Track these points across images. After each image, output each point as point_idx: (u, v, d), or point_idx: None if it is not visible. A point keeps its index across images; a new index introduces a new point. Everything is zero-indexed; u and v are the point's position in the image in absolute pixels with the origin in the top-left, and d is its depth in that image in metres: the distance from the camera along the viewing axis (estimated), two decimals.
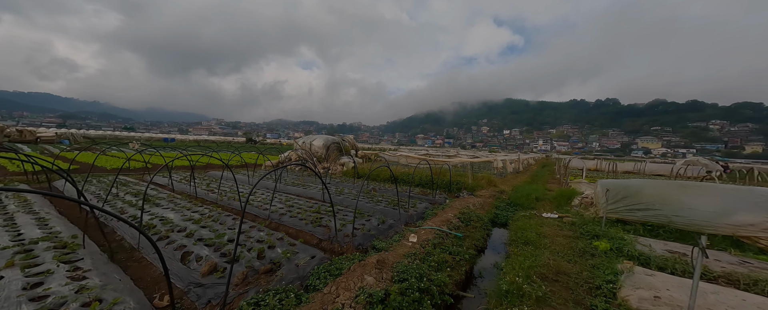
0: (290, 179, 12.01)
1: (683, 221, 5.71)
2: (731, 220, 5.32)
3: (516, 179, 17.33)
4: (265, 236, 4.66)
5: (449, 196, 11.00)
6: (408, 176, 13.52)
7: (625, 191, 6.59)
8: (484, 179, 13.76)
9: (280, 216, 5.99)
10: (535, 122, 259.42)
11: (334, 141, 18.01)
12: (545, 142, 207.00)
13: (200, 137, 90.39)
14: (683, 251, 4.95)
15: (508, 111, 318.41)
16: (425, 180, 12.74)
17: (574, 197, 8.79)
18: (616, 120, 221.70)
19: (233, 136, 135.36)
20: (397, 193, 7.75)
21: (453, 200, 9.57)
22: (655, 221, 5.99)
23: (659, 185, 6.47)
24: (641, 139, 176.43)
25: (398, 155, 22.07)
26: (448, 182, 12.08)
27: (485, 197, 10.76)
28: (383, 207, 7.50)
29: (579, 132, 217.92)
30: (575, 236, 5.89)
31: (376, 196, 9.10)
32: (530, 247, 5.41)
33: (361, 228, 5.51)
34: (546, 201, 9.43)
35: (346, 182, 12.61)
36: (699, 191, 5.96)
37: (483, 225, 7.42)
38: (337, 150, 17.59)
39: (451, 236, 5.82)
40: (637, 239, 5.38)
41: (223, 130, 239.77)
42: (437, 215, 7.24)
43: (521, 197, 9.97)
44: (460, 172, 15.81)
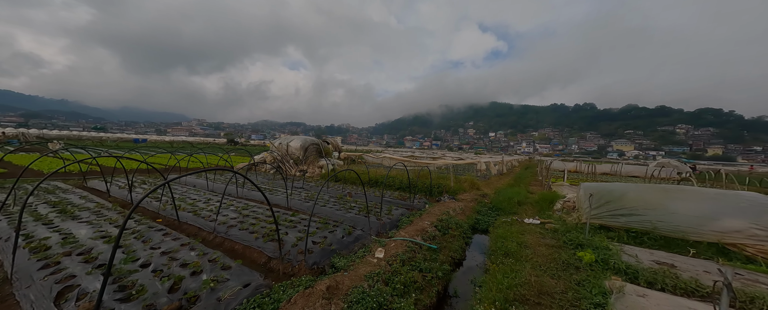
0: (258, 184, 11.00)
1: (668, 227, 5.39)
2: (716, 226, 5.04)
3: (499, 182, 17.13)
4: (195, 257, 3.81)
5: (430, 200, 10.44)
6: (388, 178, 12.87)
7: (609, 196, 6.25)
8: (467, 181, 13.36)
9: (227, 229, 5.12)
10: (518, 125, 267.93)
11: (312, 142, 17.08)
12: (528, 145, 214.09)
13: (177, 138, 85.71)
14: (670, 261, 4.58)
15: (493, 114, 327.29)
16: (407, 183, 12.14)
17: (556, 201, 8.46)
18: (593, 124, 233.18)
19: (215, 137, 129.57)
20: (371, 198, 7.05)
21: (433, 205, 9.01)
22: (639, 227, 5.65)
23: (642, 189, 6.17)
24: (616, 142, 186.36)
25: (382, 156, 21.41)
26: (429, 185, 11.53)
27: (467, 201, 10.29)
28: (354, 215, 6.78)
29: (559, 135, 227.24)
30: (558, 245, 5.43)
31: (350, 202, 8.35)
32: (511, 259, 4.87)
33: (322, 242, 4.76)
34: (528, 205, 9.07)
35: (329, 185, 11.77)
36: (682, 195, 5.68)
37: (462, 233, 6.86)
38: (315, 152, 16.68)
39: (425, 249, 5.18)
40: (622, 249, 4.98)
41: (205, 131, 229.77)
42: (413, 222, 6.61)
43: (503, 201, 9.57)
44: (443, 174, 15.38)
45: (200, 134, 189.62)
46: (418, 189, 11.65)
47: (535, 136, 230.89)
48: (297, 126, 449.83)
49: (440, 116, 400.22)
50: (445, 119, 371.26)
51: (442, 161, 18.23)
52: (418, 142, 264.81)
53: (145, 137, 64.32)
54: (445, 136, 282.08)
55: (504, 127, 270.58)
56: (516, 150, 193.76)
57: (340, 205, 7.82)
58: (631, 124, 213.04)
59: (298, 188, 10.60)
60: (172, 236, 4.64)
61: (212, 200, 7.62)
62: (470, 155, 46.05)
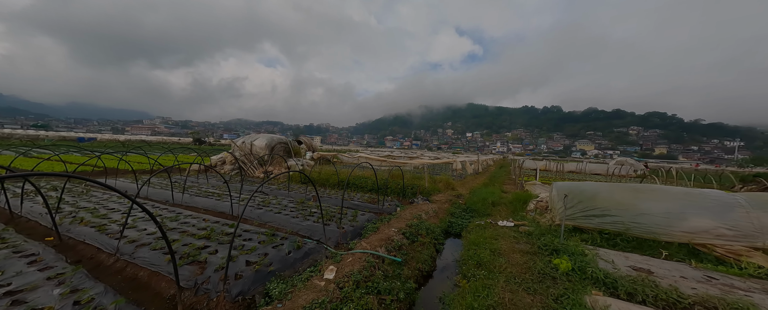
0: (206, 188, 9.63)
1: (640, 229, 5.19)
2: (685, 227, 4.89)
3: (475, 181, 17.06)
4: (57, 297, 2.73)
5: (403, 202, 9.81)
6: (361, 179, 12.08)
7: (581, 196, 5.99)
8: (443, 181, 12.97)
9: (136, 249, 4.00)
10: (493, 126, 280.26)
11: (280, 141, 15.75)
12: (502, 145, 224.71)
13: (135, 137, 77.57)
14: (647, 266, 4.29)
15: (470, 115, 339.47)
16: (381, 184, 11.42)
17: (529, 201, 8.22)
18: (560, 125, 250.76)
19: (182, 136, 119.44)
20: (338, 203, 6.20)
21: (405, 208, 8.37)
22: (612, 228, 5.41)
23: (613, 189, 5.99)
24: (579, 142, 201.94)
25: (357, 156, 20.54)
26: (402, 186, 10.91)
27: (441, 202, 9.80)
28: (312, 223, 5.89)
29: (530, 135, 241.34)
30: (533, 251, 4.99)
31: (312, 207, 7.42)
32: (483, 271, 4.32)
33: (258, 261, 3.83)
34: (502, 206, 8.76)
35: (293, 188, 10.66)
36: (652, 195, 5.54)
37: (434, 238, 6.27)
38: (283, 151, 15.39)
39: (387, 263, 4.47)
40: (597, 253, 4.64)
41: (170, 130, 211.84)
42: (379, 230, 5.87)
43: (477, 202, 9.20)
44: (419, 175, 14.91)
45: (164, 133, 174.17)
46: (391, 191, 10.99)
47: (508, 137, 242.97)
48: (274, 125, 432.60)
49: (420, 117, 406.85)
50: (425, 120, 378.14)
51: (419, 161, 17.81)
52: (399, 142, 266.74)
53: (93, 136, 57.27)
54: (425, 137, 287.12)
55: (480, 127, 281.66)
56: (491, 150, 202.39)
57: (299, 211, 6.87)
58: (591, 125, 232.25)
59: (257, 192, 9.41)
60: (46, 262, 3.45)
61: (135, 209, 6.27)
62: (448, 154, 46.72)
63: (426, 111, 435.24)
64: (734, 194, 5.22)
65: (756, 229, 4.44)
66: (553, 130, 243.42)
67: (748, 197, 5.01)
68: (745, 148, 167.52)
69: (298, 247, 4.45)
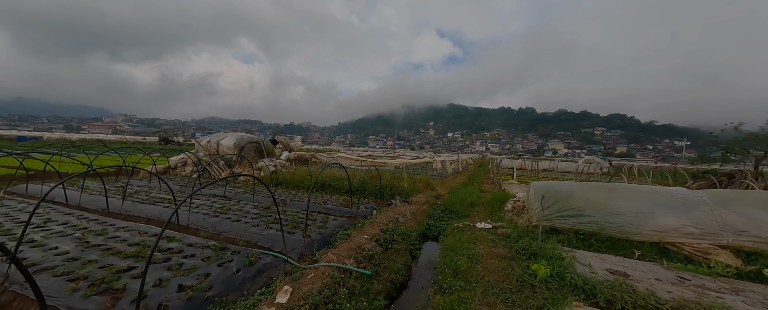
0: (157, 194, 8.53)
1: (613, 228, 5.15)
2: (655, 225, 4.91)
3: (455, 180, 17.07)
4: None
5: (380, 204, 9.38)
6: (337, 181, 11.47)
7: (557, 196, 5.90)
8: (422, 181, 12.72)
9: (32, 274, 3.16)
10: (473, 126, 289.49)
11: (251, 140, 14.65)
12: (481, 144, 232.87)
13: (92, 136, 70.10)
14: (622, 268, 4.19)
15: (451, 115, 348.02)
16: (357, 186, 10.89)
17: (507, 201, 8.14)
18: (534, 126, 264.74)
19: (148, 135, 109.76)
20: (311, 207, 5.60)
21: (382, 211, 7.92)
22: (587, 229, 5.34)
23: (587, 188, 5.96)
24: (551, 142, 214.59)
25: (336, 156, 19.81)
26: (380, 187, 10.48)
27: (420, 203, 9.49)
28: (275, 231, 5.25)
29: (507, 135, 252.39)
30: (511, 256, 4.76)
31: (284, 212, 6.72)
32: (460, 281, 3.98)
33: (194, 286, 3.17)
34: (480, 206, 8.62)
35: (260, 192, 9.78)
36: (624, 194, 5.55)
37: (410, 244, 5.88)
38: (254, 151, 14.33)
39: (356, 276, 3.98)
40: (574, 256, 4.48)
41: (135, 129, 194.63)
42: (351, 237, 5.37)
43: (456, 203, 8.99)
44: (399, 175, 14.58)
45: (128, 132, 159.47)
46: (369, 192, 10.51)
47: (486, 137, 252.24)
48: (252, 124, 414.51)
49: (403, 116, 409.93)
50: (408, 119, 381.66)
51: (400, 161, 17.51)
52: (382, 141, 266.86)
53: (39, 135, 50.84)
54: (408, 136, 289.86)
55: (460, 127, 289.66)
56: (471, 149, 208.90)
57: (263, 217, 6.16)
58: (562, 126, 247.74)
59: (218, 197, 8.49)
60: None
61: (52, 223, 5.22)
62: (430, 154, 47.19)
63: (408, 111, 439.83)
64: (697, 191, 5.36)
65: (720, 227, 4.52)
66: (527, 130, 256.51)
67: (710, 194, 5.14)
68: (691, 148, 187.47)
69: (250, 262, 3.82)
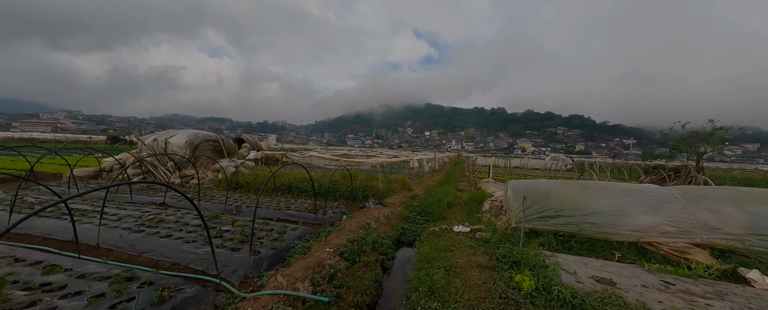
0: (70, 204, 6.95)
1: (592, 228, 4.92)
2: (633, 224, 4.75)
3: (432, 179, 16.80)
4: None
5: (352, 208, 8.61)
6: (305, 182, 10.47)
7: (535, 196, 5.60)
8: (398, 181, 12.15)
9: None
10: (449, 125, 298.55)
11: (207, 138, 12.98)
12: (457, 143, 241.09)
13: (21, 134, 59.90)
14: (607, 275, 3.88)
15: (429, 115, 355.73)
16: (327, 188, 9.99)
17: (484, 201, 7.82)
18: (504, 125, 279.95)
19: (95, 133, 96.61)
20: (270, 214, 4.63)
21: (353, 215, 7.16)
22: (566, 229, 5.07)
23: (565, 187, 5.74)
24: (520, 141, 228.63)
25: (309, 155, 18.56)
26: (352, 189, 9.70)
27: (395, 205, 8.88)
28: (216, 248, 4.25)
29: (480, 134, 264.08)
30: (491, 265, 4.28)
31: (226, 222, 5.66)
32: (436, 302, 3.37)
33: None
34: (458, 207, 8.22)
35: (213, 198, 8.45)
36: (600, 193, 5.38)
37: (382, 253, 5.20)
38: (212, 151, 12.71)
39: (310, 304, 3.19)
40: (558, 263, 4.11)
41: (80, 127, 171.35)
42: (312, 250, 4.54)
43: (433, 204, 8.51)
44: (375, 174, 13.91)
45: (72, 130, 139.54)
46: (341, 195, 9.68)
47: (462, 136, 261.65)
48: (221, 122, 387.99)
49: (381, 116, 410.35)
50: (386, 118, 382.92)
51: (376, 160, 16.82)
52: (360, 140, 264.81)
53: None
54: (386, 135, 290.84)
55: (437, 126, 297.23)
56: (447, 148, 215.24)
57: (202, 232, 5.08)
58: (529, 125, 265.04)
59: (155, 205, 7.11)
60: None
61: None
62: (408, 152, 47.19)
63: (387, 110, 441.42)
64: (668, 188, 5.34)
65: (694, 224, 4.44)
66: (499, 129, 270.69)
67: (681, 191, 5.12)
68: (636, 145, 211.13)
69: (161, 299, 2.84)
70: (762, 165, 72.45)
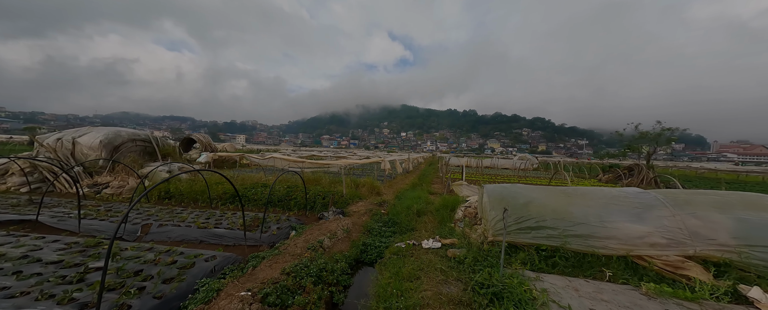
0: None
1: (578, 241, 4.24)
2: (620, 235, 4.15)
3: (404, 181, 15.95)
4: None
5: (308, 219, 7.30)
6: (255, 190, 8.90)
7: (514, 203, 4.84)
8: (366, 185, 11.04)
9: None
10: (424, 126, 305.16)
11: (133, 138, 10.66)
12: (432, 143, 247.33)
13: None
14: (605, 305, 3.13)
15: (404, 116, 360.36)
16: (285, 194, 8.52)
17: (457, 207, 7.00)
18: (476, 126, 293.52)
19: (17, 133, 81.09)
20: (191, 235, 3.14)
21: (304, 231, 5.88)
22: (549, 243, 4.34)
23: (547, 194, 5.07)
24: (489, 141, 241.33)
25: (269, 156, 16.62)
26: (311, 196, 8.38)
27: (360, 213, 7.74)
28: (51, 304, 2.73)
29: (453, 135, 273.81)
30: (467, 300, 3.32)
31: (120, 252, 4.05)
32: None
33: None
34: (429, 215, 7.31)
35: (117, 213, 6.53)
36: (582, 200, 4.77)
37: (331, 285, 4.02)
38: (141, 153, 10.44)
39: None
40: (547, 294, 3.28)
41: (2, 125, 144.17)
42: (222, 293, 3.22)
43: (402, 212, 7.52)
44: (340, 178, 12.66)
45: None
46: (296, 203, 8.29)
47: (436, 137, 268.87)
48: (182, 121, 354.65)
49: (358, 116, 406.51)
50: (362, 119, 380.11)
51: (345, 161, 15.52)
52: (336, 141, 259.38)
53: None
54: (363, 136, 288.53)
55: (413, 127, 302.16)
56: (422, 148, 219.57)
57: (56, 272, 3.46)
58: (498, 127, 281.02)
59: (18, 226, 5.14)
60: None
61: None
62: (383, 153, 46.34)
63: (363, 111, 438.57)
64: (650, 192, 4.90)
65: (685, 234, 3.93)
66: (470, 130, 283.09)
67: (664, 195, 4.68)
68: (588, 146, 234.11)
69: None
70: (690, 162, 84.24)
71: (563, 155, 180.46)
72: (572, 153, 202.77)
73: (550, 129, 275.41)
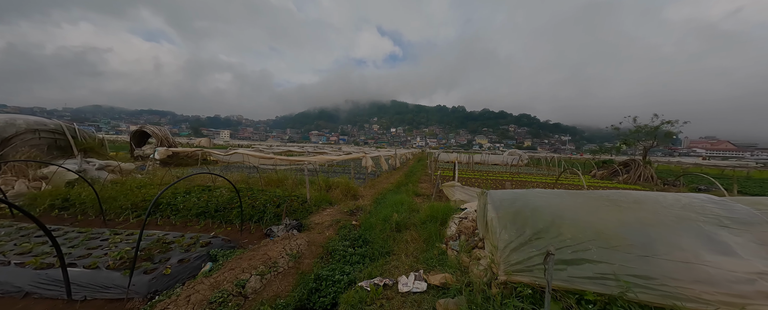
0: None
1: (649, 287, 2.59)
2: (717, 277, 2.53)
3: (388, 180, 14.21)
4: None
5: (252, 236, 5.40)
6: (189, 198, 6.87)
7: (533, 220, 3.18)
8: (341, 186, 9.19)
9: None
10: (414, 122, 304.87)
11: (37, 128, 8.25)
12: (421, 139, 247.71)
13: None
14: None
15: (394, 112, 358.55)
16: (225, 204, 6.53)
17: (449, 219, 5.28)
18: (464, 122, 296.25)
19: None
20: None
21: (230, 259, 4.00)
22: (597, 289, 2.69)
23: (576, 203, 3.43)
24: (477, 137, 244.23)
25: (232, 152, 14.36)
26: (260, 203, 6.45)
27: (323, 226, 5.90)
28: None
29: (443, 131, 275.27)
30: None
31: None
32: None
33: None
34: (412, 229, 5.56)
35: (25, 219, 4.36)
36: (638, 211, 3.16)
37: None
38: (43, 148, 8.07)
39: None
40: None
41: None
42: None
43: (377, 225, 5.73)
44: (312, 179, 10.75)
45: None
46: (237, 214, 6.33)
47: (426, 132, 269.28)
48: (161, 115, 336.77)
49: (347, 112, 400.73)
50: (352, 115, 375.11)
51: (323, 158, 13.56)
52: (325, 136, 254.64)
53: None
54: (352, 131, 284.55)
55: (403, 123, 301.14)
56: (412, 144, 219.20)
57: None
58: (486, 123, 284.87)
59: None
60: None
61: None
62: (367, 149, 44.40)
63: (353, 106, 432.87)
64: (726, 199, 3.34)
65: None
66: (459, 126, 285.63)
67: (751, 203, 3.12)
68: (571, 142, 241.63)
69: None
70: (660, 157, 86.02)
71: (548, 150, 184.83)
72: (556, 149, 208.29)
73: (536, 125, 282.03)
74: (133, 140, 18.45)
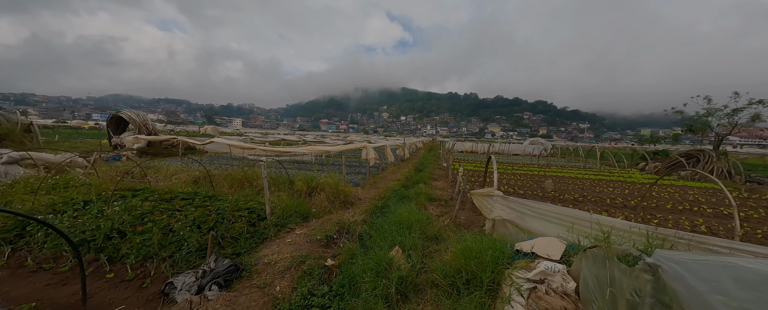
0: None
1: None
2: None
3: (395, 175, 11.65)
4: None
5: (133, 300, 2.95)
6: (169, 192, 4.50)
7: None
8: (328, 188, 6.70)
9: None
10: (424, 110, 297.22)
11: None
12: (432, 127, 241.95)
13: None
14: None
15: (404, 99, 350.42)
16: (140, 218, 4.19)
17: (505, 280, 2.65)
18: (476, 110, 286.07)
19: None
20: None
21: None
22: None
23: None
24: (489, 125, 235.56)
25: (209, 141, 12.13)
26: (190, 224, 4.02)
27: (275, 269, 3.43)
28: None
29: (454, 119, 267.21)
30: None
31: None
32: None
33: None
34: (429, 293, 2.97)
35: None
36: None
37: None
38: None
39: None
40: None
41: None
42: None
43: (368, 276, 3.18)
44: (302, 174, 8.36)
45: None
46: (155, 244, 3.92)
47: (436, 121, 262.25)
48: (177, 104, 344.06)
49: (357, 100, 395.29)
50: (361, 103, 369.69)
51: (317, 149, 11.10)
52: (335, 125, 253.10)
53: None
54: (362, 120, 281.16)
55: (413, 111, 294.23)
56: (422, 132, 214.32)
57: None
58: (499, 111, 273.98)
59: None
60: None
61: None
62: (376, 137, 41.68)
63: (362, 94, 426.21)
64: None
65: None
66: (471, 114, 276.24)
67: None
68: (590, 129, 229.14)
69: None
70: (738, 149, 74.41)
71: (564, 139, 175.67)
72: (573, 137, 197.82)
73: (552, 113, 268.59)
74: (111, 127, 16.58)
